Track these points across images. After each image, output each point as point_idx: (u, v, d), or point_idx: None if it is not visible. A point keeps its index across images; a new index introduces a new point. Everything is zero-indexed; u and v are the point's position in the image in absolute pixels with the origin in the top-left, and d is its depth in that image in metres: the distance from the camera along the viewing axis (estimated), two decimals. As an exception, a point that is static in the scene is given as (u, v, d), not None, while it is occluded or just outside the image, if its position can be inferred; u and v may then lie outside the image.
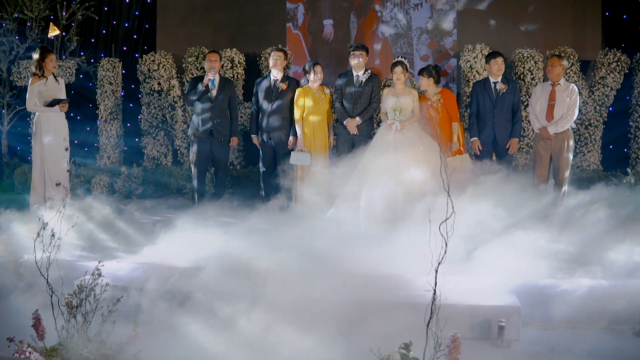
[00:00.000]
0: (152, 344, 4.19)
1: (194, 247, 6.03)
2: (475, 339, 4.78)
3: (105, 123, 10.97)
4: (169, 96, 10.59)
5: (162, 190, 10.11)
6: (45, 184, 7.95)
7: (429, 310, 3.49)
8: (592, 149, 10.00)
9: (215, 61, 8.33)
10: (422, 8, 11.26)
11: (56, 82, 8.04)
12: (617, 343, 4.81)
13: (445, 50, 11.25)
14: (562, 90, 7.77)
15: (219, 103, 8.31)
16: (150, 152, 10.81)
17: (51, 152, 7.97)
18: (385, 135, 7.64)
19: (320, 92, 8.17)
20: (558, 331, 5.05)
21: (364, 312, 4.91)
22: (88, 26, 11.76)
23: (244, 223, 6.50)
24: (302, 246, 5.98)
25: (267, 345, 4.36)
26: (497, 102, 7.97)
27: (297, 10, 11.58)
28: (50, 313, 3.99)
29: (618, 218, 6.18)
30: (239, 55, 10.53)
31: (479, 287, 5.26)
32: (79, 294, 3.99)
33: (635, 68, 10.04)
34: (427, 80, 7.97)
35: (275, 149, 8.39)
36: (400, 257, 5.48)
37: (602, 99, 9.97)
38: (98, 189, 10.19)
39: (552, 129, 7.68)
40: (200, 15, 11.75)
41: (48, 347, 3.82)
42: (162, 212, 8.37)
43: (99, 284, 4.03)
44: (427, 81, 7.98)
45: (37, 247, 4.13)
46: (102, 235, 6.83)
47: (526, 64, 9.87)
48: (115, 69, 10.95)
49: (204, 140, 8.35)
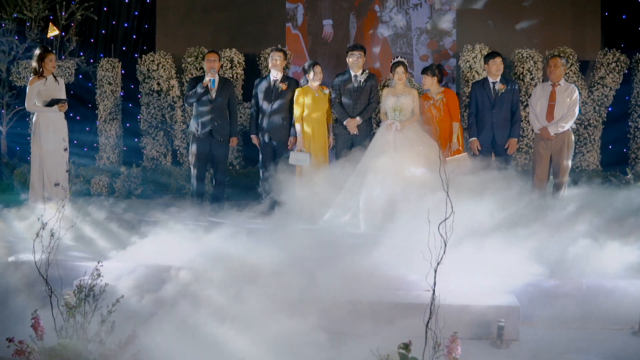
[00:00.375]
0: (152, 343, 4.19)
1: (193, 247, 6.03)
2: (474, 339, 4.79)
3: (104, 123, 10.97)
4: (168, 96, 10.59)
5: (161, 190, 10.09)
6: (44, 184, 7.95)
7: (428, 310, 3.50)
8: (592, 149, 10.00)
9: (215, 61, 8.33)
10: (422, 8, 11.26)
11: (56, 82, 8.03)
12: (616, 343, 4.80)
13: (444, 50, 11.25)
14: (562, 90, 7.78)
15: (218, 103, 8.30)
16: (150, 152, 10.80)
17: (49, 152, 7.96)
18: (385, 135, 7.64)
19: (319, 92, 8.18)
20: (557, 331, 5.05)
21: (363, 312, 4.92)
22: (87, 26, 11.74)
23: (243, 223, 6.50)
24: (301, 246, 5.99)
25: (264, 344, 4.36)
26: (496, 102, 7.98)
27: (297, 11, 11.57)
28: (49, 313, 3.99)
29: (616, 217, 6.19)
30: (239, 56, 10.53)
31: (478, 287, 5.26)
32: (78, 294, 3.99)
33: (634, 68, 10.05)
34: (432, 79, 7.98)
35: (275, 149, 8.39)
36: (400, 257, 5.48)
37: (601, 99, 9.98)
38: (97, 189, 10.20)
39: (553, 129, 7.69)
40: (199, 15, 11.74)
41: (47, 347, 3.82)
42: (162, 212, 8.36)
43: (98, 284, 4.03)
44: (431, 80, 7.98)
45: (36, 248, 4.13)
46: (101, 236, 6.84)
47: (525, 64, 9.87)
48: (115, 69, 10.95)
49: (203, 141, 8.34)
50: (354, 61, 8.17)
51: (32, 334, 3.89)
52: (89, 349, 3.87)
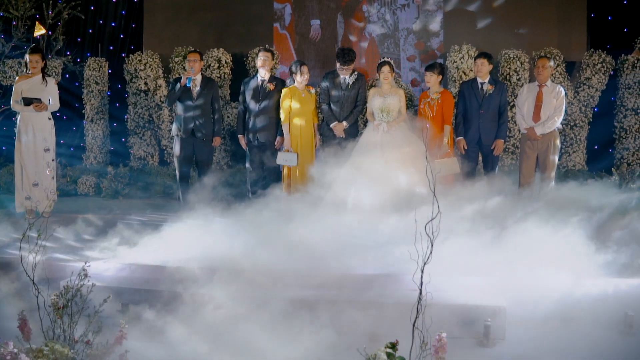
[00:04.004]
0: (138, 344, 4.19)
1: (179, 247, 6.04)
2: (461, 338, 4.81)
3: (91, 123, 10.93)
4: (155, 96, 10.56)
5: (148, 190, 10.06)
6: (23, 184, 7.88)
7: (415, 310, 3.51)
8: (578, 149, 10.06)
9: (195, 61, 8.28)
10: (409, 9, 11.29)
11: (43, 83, 7.93)
12: (601, 342, 4.83)
13: (431, 50, 11.29)
14: (549, 91, 7.84)
15: (200, 103, 8.26)
16: (137, 152, 10.77)
17: (29, 152, 7.88)
18: (372, 135, 7.65)
19: (306, 92, 8.17)
20: (544, 330, 5.08)
21: (350, 310, 4.93)
22: (74, 25, 11.68)
23: (230, 223, 6.50)
24: (290, 246, 6.00)
25: (253, 344, 4.37)
26: (483, 103, 8.01)
27: (285, 11, 11.58)
28: (36, 314, 3.98)
29: (601, 217, 6.23)
30: (226, 55, 10.51)
31: (465, 286, 5.29)
32: (65, 295, 3.98)
33: (620, 69, 10.11)
34: (437, 77, 7.99)
35: (263, 149, 8.38)
36: (387, 256, 5.50)
37: (587, 100, 10.04)
38: (84, 189, 10.15)
39: (540, 129, 7.75)
40: (187, 15, 11.73)
41: (34, 348, 3.80)
42: (148, 212, 8.34)
43: (85, 284, 4.02)
44: (435, 78, 7.99)
45: (23, 248, 4.12)
46: (88, 236, 6.82)
47: (512, 64, 9.91)
48: (102, 68, 10.92)
49: (186, 140, 8.31)
50: (344, 72, 8.13)
51: (18, 335, 3.88)
52: (76, 350, 3.86)
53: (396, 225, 5.77)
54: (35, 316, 3.98)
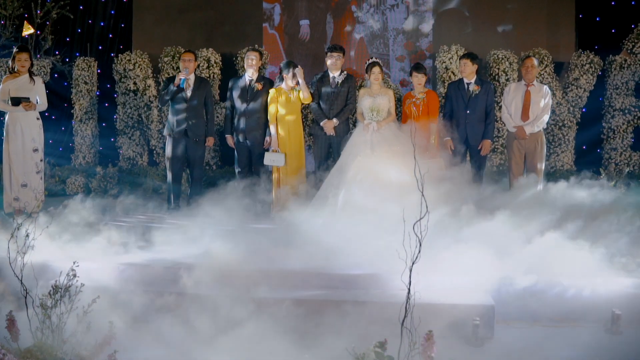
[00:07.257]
0: (127, 344, 4.18)
1: (168, 247, 6.03)
2: (449, 338, 4.82)
3: (80, 123, 10.89)
4: (144, 96, 10.54)
5: (137, 190, 10.02)
6: (12, 185, 7.84)
7: (404, 309, 3.52)
8: (566, 150, 10.11)
9: (189, 61, 8.28)
10: (398, 9, 11.32)
11: (31, 82, 7.89)
12: (589, 340, 4.87)
13: (421, 51, 11.31)
14: (536, 91, 7.91)
15: (193, 103, 8.27)
16: (126, 152, 10.74)
17: (16, 152, 7.83)
18: (362, 135, 7.67)
19: (293, 92, 8.15)
20: (532, 329, 5.11)
21: (339, 310, 4.94)
22: (63, 25, 11.64)
23: (221, 224, 6.49)
24: (278, 246, 6.01)
25: (244, 346, 4.37)
26: (469, 103, 8.04)
27: (274, 11, 11.58)
28: (24, 314, 3.96)
29: (589, 216, 6.26)
30: (215, 55, 10.49)
31: (454, 286, 5.30)
32: (54, 295, 3.96)
33: (608, 70, 10.17)
34: (424, 77, 8.03)
35: (251, 149, 8.36)
36: (376, 256, 5.51)
37: (575, 100, 10.09)
38: (73, 189, 10.12)
39: (529, 128, 7.82)
40: (176, 14, 11.69)
41: (22, 349, 3.79)
42: (137, 212, 8.31)
43: (74, 284, 4.00)
44: (423, 79, 8.03)
45: (11, 248, 4.10)
46: (77, 237, 6.79)
47: (501, 65, 9.95)
48: (91, 68, 10.87)
49: (178, 141, 8.31)
50: (333, 63, 8.17)
51: (6, 335, 3.86)
52: (65, 350, 3.84)
53: (385, 224, 5.77)
54: (23, 316, 3.96)
